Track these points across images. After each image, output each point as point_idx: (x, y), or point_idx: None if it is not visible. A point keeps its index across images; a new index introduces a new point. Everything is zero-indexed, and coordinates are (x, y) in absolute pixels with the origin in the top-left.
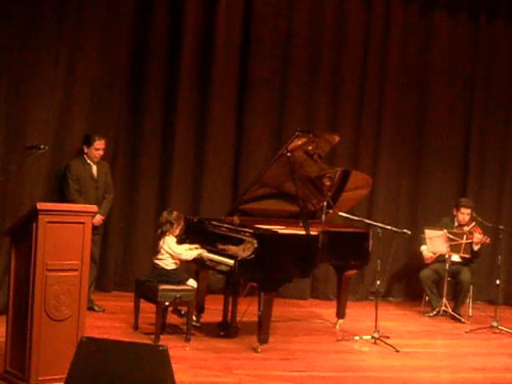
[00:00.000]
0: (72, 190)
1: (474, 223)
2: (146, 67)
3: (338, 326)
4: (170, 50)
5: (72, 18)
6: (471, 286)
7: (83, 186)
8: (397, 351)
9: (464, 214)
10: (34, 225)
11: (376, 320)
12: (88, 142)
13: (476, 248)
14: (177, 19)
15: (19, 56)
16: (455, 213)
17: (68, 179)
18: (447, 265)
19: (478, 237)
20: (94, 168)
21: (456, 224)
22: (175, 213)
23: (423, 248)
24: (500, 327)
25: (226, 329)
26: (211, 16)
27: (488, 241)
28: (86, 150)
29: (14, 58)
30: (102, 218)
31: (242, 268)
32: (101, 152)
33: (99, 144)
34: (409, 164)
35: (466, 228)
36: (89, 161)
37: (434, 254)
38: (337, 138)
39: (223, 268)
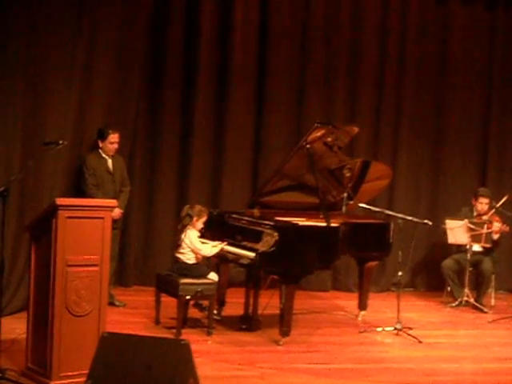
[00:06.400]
0: (90, 185)
1: (492, 212)
2: (163, 62)
3: (360, 318)
4: (188, 42)
5: (89, 13)
6: (493, 276)
7: (100, 181)
8: (420, 342)
9: (483, 204)
10: (54, 220)
11: (398, 311)
12: (102, 136)
13: (495, 237)
14: (194, 14)
15: (36, 52)
16: (474, 202)
17: (85, 174)
18: (469, 255)
19: (496, 225)
20: (110, 162)
21: (475, 214)
22: (197, 206)
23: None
24: None
25: (248, 322)
26: (228, 8)
27: (507, 229)
28: (100, 145)
29: (31, 54)
30: (121, 211)
31: (263, 261)
32: (115, 145)
33: (113, 137)
34: (429, 154)
35: (484, 217)
36: (104, 155)
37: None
38: (356, 129)
39: (244, 261)
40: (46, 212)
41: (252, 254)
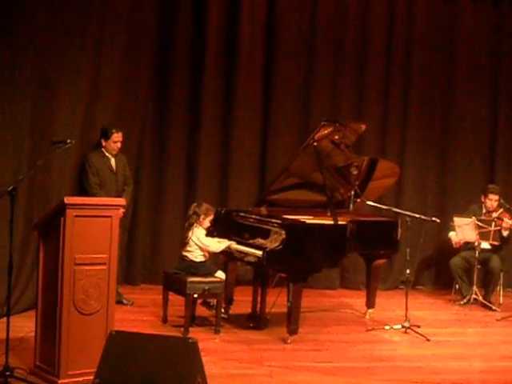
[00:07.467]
0: (93, 184)
1: (502, 209)
2: (171, 61)
3: (367, 316)
4: (195, 42)
5: (97, 13)
6: (501, 274)
7: (103, 179)
8: (428, 340)
9: (492, 201)
10: (62, 219)
11: (406, 309)
12: (106, 135)
13: (505, 234)
14: (201, 13)
15: (45, 51)
16: (483, 199)
17: (88, 173)
18: (477, 252)
19: (507, 222)
20: (113, 161)
21: (484, 211)
22: (204, 205)
23: (451, 234)
24: None
25: (256, 320)
26: (235, 8)
27: None
28: (103, 144)
29: (40, 54)
30: (123, 210)
31: (271, 259)
32: (119, 144)
33: (117, 137)
34: (436, 151)
35: (494, 214)
36: (107, 154)
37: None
38: (363, 127)
39: (252, 259)
40: (55, 211)
41: (259, 252)
